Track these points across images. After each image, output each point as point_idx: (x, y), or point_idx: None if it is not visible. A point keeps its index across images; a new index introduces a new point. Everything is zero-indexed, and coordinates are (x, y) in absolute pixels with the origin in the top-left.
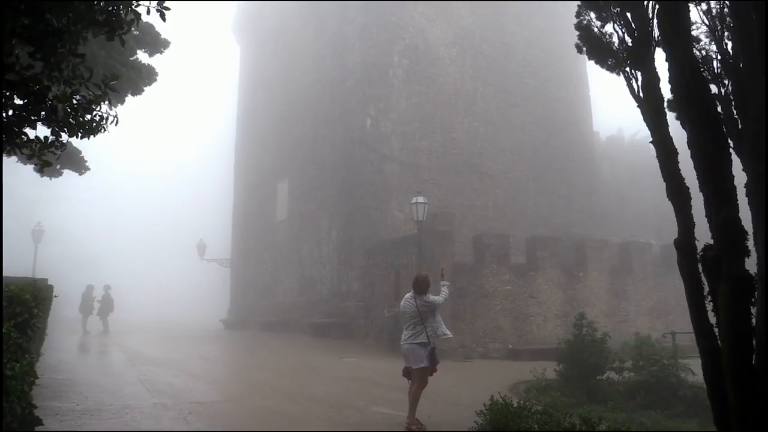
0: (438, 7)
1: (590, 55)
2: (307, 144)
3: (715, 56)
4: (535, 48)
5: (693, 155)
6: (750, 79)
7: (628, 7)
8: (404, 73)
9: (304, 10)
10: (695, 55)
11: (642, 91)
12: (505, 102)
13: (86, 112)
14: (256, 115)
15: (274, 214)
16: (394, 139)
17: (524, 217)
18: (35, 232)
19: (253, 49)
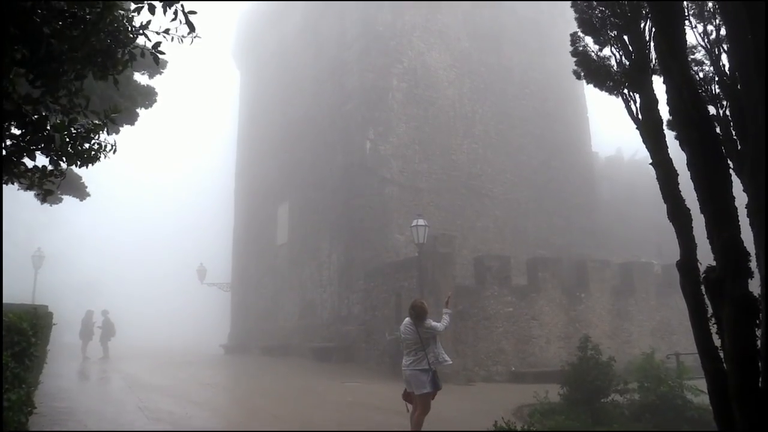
0: (436, 31)
1: (588, 79)
2: (307, 167)
3: (712, 77)
4: (532, 70)
5: (693, 176)
6: (748, 101)
7: (625, 31)
8: (403, 96)
9: (304, 35)
10: (693, 77)
11: (640, 113)
12: (503, 124)
13: (84, 141)
14: (256, 139)
15: (274, 237)
16: (393, 161)
17: (525, 238)
18: (35, 257)
19: (253, 74)
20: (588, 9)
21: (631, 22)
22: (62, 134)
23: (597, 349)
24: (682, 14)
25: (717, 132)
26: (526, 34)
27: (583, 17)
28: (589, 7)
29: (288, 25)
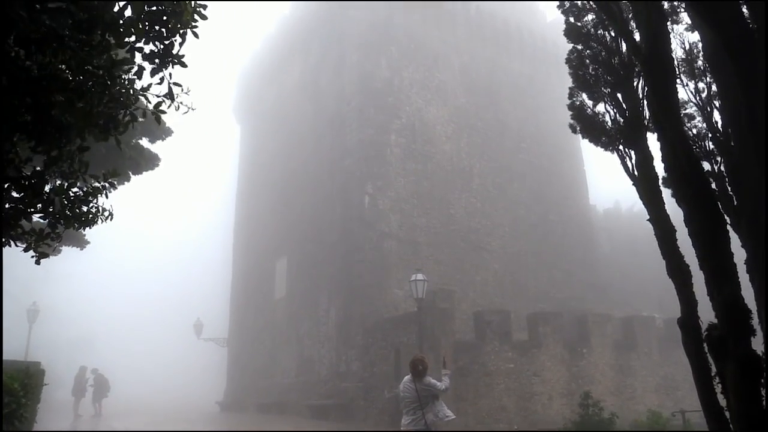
0: (433, 87)
1: (584, 134)
2: (306, 222)
3: (705, 133)
4: (528, 125)
5: (691, 233)
6: (741, 157)
7: (618, 88)
8: (401, 151)
9: (303, 91)
10: (686, 134)
11: (636, 169)
12: (501, 178)
13: (83, 204)
14: (255, 194)
15: (272, 292)
16: (392, 216)
17: (524, 292)
18: (30, 311)
19: (252, 129)
20: (582, 66)
21: (623, 79)
22: (61, 198)
23: (599, 406)
24: (674, 72)
25: (712, 188)
26: (521, 90)
27: (578, 74)
28: (582, 64)
29: (288, 81)
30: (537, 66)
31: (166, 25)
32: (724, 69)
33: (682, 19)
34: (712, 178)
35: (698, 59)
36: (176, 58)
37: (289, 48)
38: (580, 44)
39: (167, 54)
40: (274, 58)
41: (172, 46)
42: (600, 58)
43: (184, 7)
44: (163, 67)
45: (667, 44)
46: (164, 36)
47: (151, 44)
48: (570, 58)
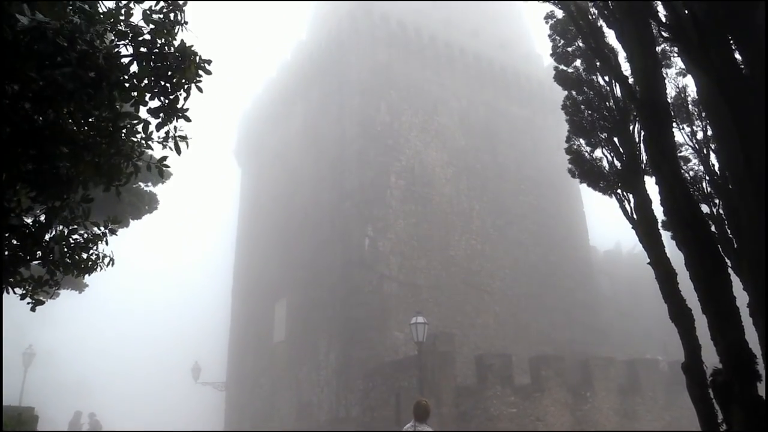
0: (433, 130)
1: (582, 178)
2: (306, 265)
3: (702, 176)
4: (527, 167)
5: (692, 277)
6: (740, 200)
7: (615, 133)
8: (401, 193)
9: (304, 134)
10: (684, 178)
11: (635, 213)
12: (501, 219)
13: (83, 251)
14: (255, 236)
15: (271, 335)
16: (392, 258)
17: (526, 335)
18: (26, 355)
19: (253, 172)
20: (577, 113)
21: (619, 124)
22: (61, 246)
23: None
24: (670, 116)
25: (712, 231)
26: (520, 133)
27: (573, 120)
28: (578, 110)
29: (289, 124)
30: (535, 109)
31: (171, 80)
32: (718, 112)
33: (675, 64)
34: (711, 221)
35: (692, 103)
36: (181, 112)
37: (291, 92)
38: (574, 90)
39: (172, 108)
40: (276, 101)
41: (177, 100)
42: (594, 103)
43: (189, 63)
44: (168, 121)
45: (662, 89)
46: (169, 91)
47: (156, 99)
48: (565, 104)
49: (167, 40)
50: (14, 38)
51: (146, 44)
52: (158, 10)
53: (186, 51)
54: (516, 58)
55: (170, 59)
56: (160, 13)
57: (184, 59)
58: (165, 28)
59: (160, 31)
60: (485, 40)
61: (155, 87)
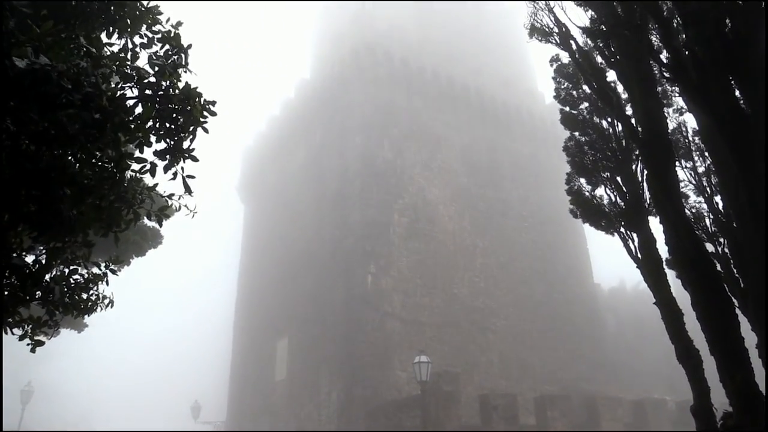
0: (435, 167)
1: (584, 218)
2: (308, 302)
3: (706, 214)
4: (530, 203)
5: (698, 317)
6: (744, 238)
7: (617, 172)
8: (404, 230)
9: (307, 170)
10: (688, 216)
11: (639, 252)
12: (504, 256)
13: (83, 291)
14: (257, 273)
15: (272, 373)
16: (395, 296)
17: (531, 374)
18: (24, 392)
19: (256, 208)
20: (580, 153)
21: (622, 163)
22: (61, 286)
23: None
24: (673, 155)
25: (717, 270)
26: (522, 170)
27: (575, 161)
28: (581, 151)
29: (291, 161)
30: (537, 146)
31: (176, 122)
32: (719, 150)
33: (676, 102)
34: (716, 260)
35: (694, 141)
36: (187, 153)
37: (293, 129)
38: (577, 132)
39: (178, 150)
40: (279, 138)
41: (182, 141)
42: (597, 144)
43: (194, 104)
44: (175, 162)
45: (665, 128)
46: (174, 132)
47: (162, 141)
48: (567, 146)
49: (172, 82)
50: (17, 79)
51: (151, 86)
52: (163, 54)
53: (191, 93)
54: (518, 95)
55: (175, 101)
56: (165, 57)
57: (189, 101)
58: (169, 71)
59: (164, 73)
60: (488, 78)
61: (161, 129)
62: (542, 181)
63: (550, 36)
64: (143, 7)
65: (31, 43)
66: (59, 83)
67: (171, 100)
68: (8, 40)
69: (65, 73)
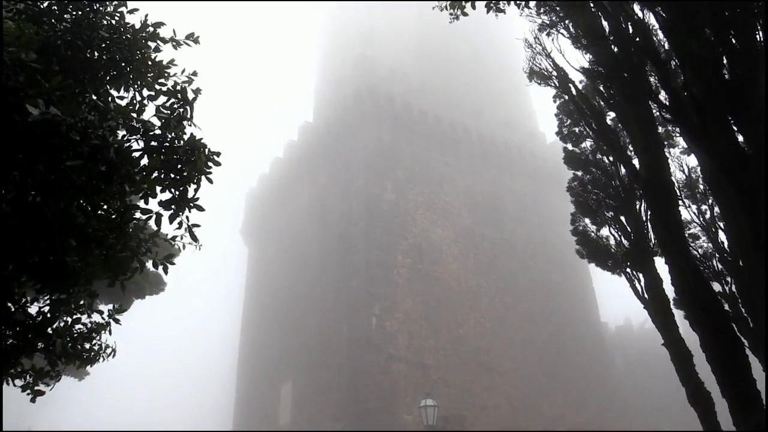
0: (438, 208)
1: (590, 258)
2: (312, 345)
3: (712, 254)
4: (534, 243)
5: (708, 359)
6: (752, 277)
7: (621, 212)
8: (408, 272)
9: (310, 212)
10: (694, 256)
11: (646, 293)
12: (509, 297)
13: (86, 341)
14: (260, 316)
15: (276, 418)
16: (400, 338)
17: (539, 416)
18: None
19: (260, 251)
20: (584, 193)
21: (625, 203)
22: (64, 339)
23: None
24: (676, 196)
25: (726, 310)
26: (526, 209)
27: (579, 200)
28: (584, 190)
29: (295, 204)
30: (540, 185)
31: (182, 173)
32: (723, 191)
33: (678, 143)
34: (724, 300)
35: (698, 181)
36: (192, 202)
37: (297, 171)
38: (580, 171)
39: (183, 200)
40: (282, 181)
41: (187, 191)
42: (601, 183)
43: (199, 155)
44: (180, 212)
45: (666, 169)
46: (179, 183)
47: (167, 191)
48: (571, 185)
49: (177, 134)
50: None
51: (157, 138)
52: (168, 106)
53: (195, 144)
54: (520, 135)
55: (180, 152)
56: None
57: (194, 152)
58: (174, 123)
59: (170, 125)
60: (489, 119)
61: (166, 179)
62: (545, 220)
63: (549, 79)
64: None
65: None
66: (68, 135)
67: (176, 152)
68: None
69: (73, 125)
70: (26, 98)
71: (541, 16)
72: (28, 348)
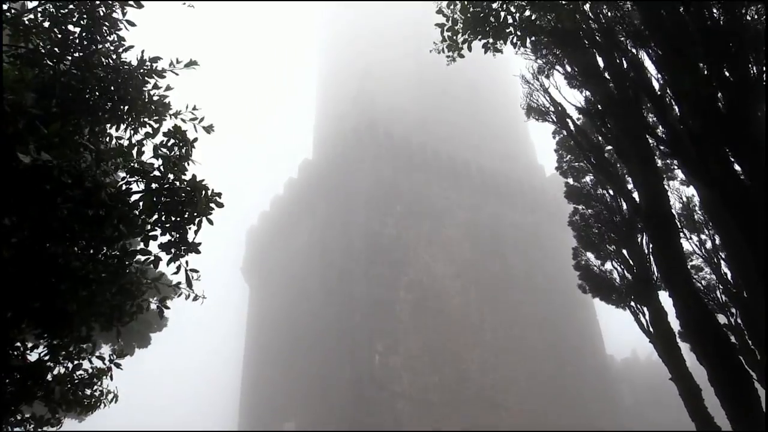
0: (439, 242)
1: (594, 293)
2: (314, 382)
3: (716, 285)
4: (537, 275)
5: (717, 393)
6: (757, 308)
7: (623, 245)
8: (410, 307)
9: (311, 248)
10: (697, 288)
11: (651, 327)
12: (513, 330)
13: (87, 387)
14: (262, 352)
15: None
16: (403, 375)
17: None
18: None
19: (261, 288)
20: (585, 226)
21: (627, 236)
22: (63, 386)
23: None
24: (677, 228)
25: (732, 342)
26: (527, 242)
27: (581, 234)
28: (586, 225)
29: (296, 240)
30: (540, 218)
31: (182, 214)
32: (724, 222)
33: (677, 175)
34: (730, 332)
35: (696, 210)
36: (192, 247)
37: (297, 208)
38: (581, 205)
39: (182, 243)
40: (282, 217)
41: (187, 233)
42: (602, 216)
43: (200, 197)
44: (179, 256)
45: (667, 202)
46: (180, 225)
47: (167, 234)
48: (572, 219)
49: (177, 175)
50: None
51: (157, 180)
52: (169, 146)
53: (196, 185)
54: (519, 168)
55: (181, 194)
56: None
57: (195, 193)
58: (175, 163)
59: (170, 166)
60: (488, 153)
61: (166, 222)
62: (547, 252)
63: (547, 115)
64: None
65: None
66: (59, 179)
67: (176, 193)
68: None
69: (66, 169)
70: (18, 146)
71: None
72: (28, 395)
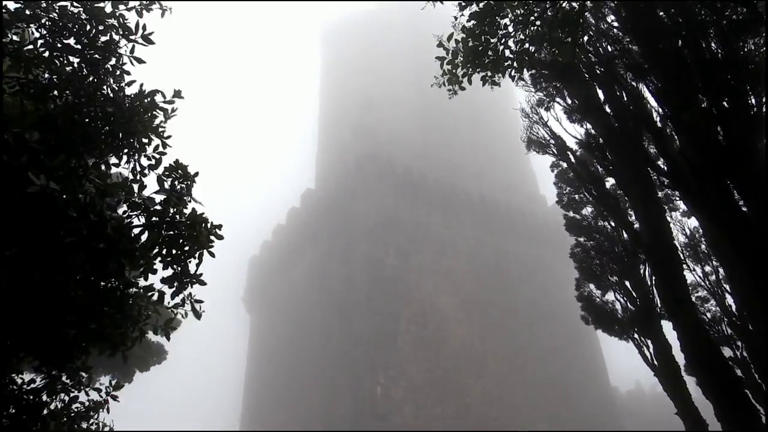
0: (442, 273)
1: (596, 324)
2: (316, 416)
3: (721, 317)
4: (540, 305)
5: (724, 429)
6: (762, 342)
7: (625, 277)
8: (413, 338)
9: (312, 279)
10: (701, 321)
11: (656, 360)
12: (516, 361)
13: (83, 420)
14: (262, 384)
15: None
16: (406, 407)
17: None
18: None
19: (261, 317)
20: (587, 258)
21: (629, 268)
22: (59, 421)
23: None
24: (680, 259)
25: (738, 376)
26: (529, 272)
27: (583, 266)
28: (588, 256)
29: (297, 270)
30: (542, 248)
31: (183, 248)
32: (727, 254)
33: (679, 206)
34: (736, 365)
35: (701, 244)
36: (195, 278)
37: (299, 238)
38: (583, 237)
39: (185, 275)
40: (284, 247)
41: (188, 266)
42: (603, 248)
43: (200, 230)
44: (182, 288)
45: (669, 233)
46: (181, 258)
47: (168, 267)
48: (574, 251)
49: (178, 209)
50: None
51: (158, 214)
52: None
53: (197, 219)
54: (521, 198)
55: (182, 227)
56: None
57: (196, 227)
58: (175, 200)
59: (171, 202)
60: (490, 182)
61: (168, 255)
62: (550, 283)
63: (547, 147)
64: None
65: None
66: (65, 212)
67: (177, 227)
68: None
69: (71, 202)
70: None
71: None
72: (23, 431)
